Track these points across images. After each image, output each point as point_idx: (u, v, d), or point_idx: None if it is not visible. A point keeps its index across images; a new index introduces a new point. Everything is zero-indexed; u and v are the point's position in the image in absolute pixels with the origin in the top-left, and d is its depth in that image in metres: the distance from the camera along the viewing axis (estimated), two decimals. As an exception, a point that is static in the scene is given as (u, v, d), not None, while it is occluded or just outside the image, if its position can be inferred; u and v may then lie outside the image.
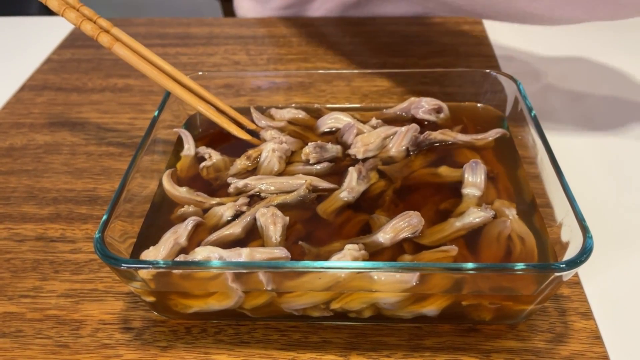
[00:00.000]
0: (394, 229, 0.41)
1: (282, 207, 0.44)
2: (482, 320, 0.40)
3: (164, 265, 0.36)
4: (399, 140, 0.49)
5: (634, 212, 0.49)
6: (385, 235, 0.41)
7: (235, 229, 0.42)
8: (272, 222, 0.42)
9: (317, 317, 0.40)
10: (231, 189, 0.46)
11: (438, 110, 0.54)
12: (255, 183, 0.46)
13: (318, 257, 0.40)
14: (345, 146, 0.50)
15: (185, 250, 0.41)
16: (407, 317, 0.39)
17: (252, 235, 0.42)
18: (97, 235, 0.37)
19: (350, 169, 0.46)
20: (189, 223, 0.42)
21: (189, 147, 0.51)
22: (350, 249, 0.39)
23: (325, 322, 0.41)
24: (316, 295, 0.38)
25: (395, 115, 0.54)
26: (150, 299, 0.39)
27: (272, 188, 0.45)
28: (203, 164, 0.49)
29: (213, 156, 0.49)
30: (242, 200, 0.45)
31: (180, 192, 0.46)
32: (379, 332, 0.40)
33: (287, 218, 0.42)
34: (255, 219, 0.43)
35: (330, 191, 0.45)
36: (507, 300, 0.38)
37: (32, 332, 0.41)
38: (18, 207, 0.52)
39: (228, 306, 0.39)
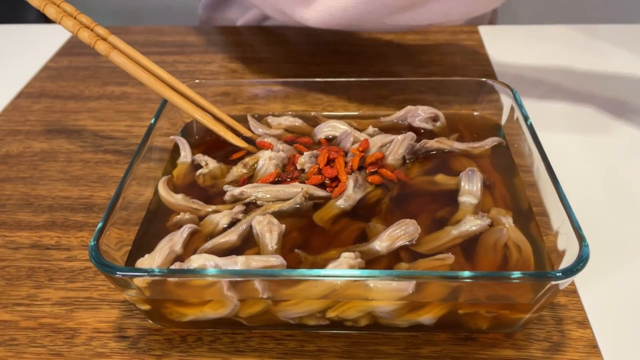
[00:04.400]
0: (390, 237, 0.41)
1: (278, 215, 0.43)
2: (479, 329, 0.40)
3: (159, 273, 0.36)
4: (396, 148, 0.49)
5: (630, 221, 0.49)
6: (381, 243, 0.41)
7: (231, 237, 0.42)
8: (268, 230, 0.42)
9: (313, 326, 0.40)
10: (227, 197, 0.46)
11: (434, 119, 0.54)
12: (252, 191, 0.46)
13: (314, 265, 0.40)
14: (342, 154, 0.50)
15: (180, 258, 0.41)
16: (403, 325, 0.39)
17: (248, 243, 0.42)
18: (92, 243, 0.37)
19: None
20: (185, 230, 0.42)
21: (186, 155, 0.51)
22: (347, 257, 0.39)
23: (321, 330, 0.41)
24: (312, 303, 0.38)
25: (392, 124, 0.54)
26: (146, 307, 0.39)
27: (268, 196, 0.45)
28: (199, 171, 0.49)
29: (209, 164, 0.49)
30: (238, 207, 0.44)
31: (176, 199, 0.46)
32: (376, 341, 0.40)
33: (283, 226, 0.42)
34: (251, 227, 0.43)
35: (327, 199, 0.45)
36: (503, 308, 0.38)
37: (26, 340, 0.41)
38: (13, 214, 0.52)
39: (224, 314, 0.39)
